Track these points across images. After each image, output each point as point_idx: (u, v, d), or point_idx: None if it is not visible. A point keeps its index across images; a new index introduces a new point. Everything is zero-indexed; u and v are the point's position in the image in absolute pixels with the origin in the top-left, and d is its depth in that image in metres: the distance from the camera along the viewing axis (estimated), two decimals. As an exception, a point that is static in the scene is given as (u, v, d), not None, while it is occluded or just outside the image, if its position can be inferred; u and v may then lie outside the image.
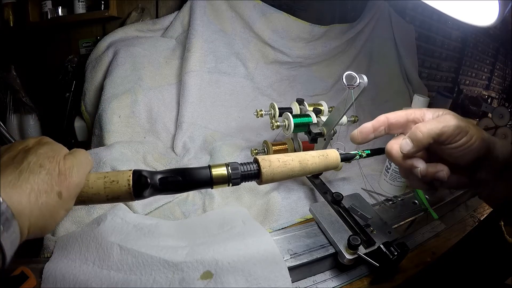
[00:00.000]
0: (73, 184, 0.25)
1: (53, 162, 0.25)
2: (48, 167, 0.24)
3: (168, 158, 0.73)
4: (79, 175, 0.26)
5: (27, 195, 0.23)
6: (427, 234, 0.59)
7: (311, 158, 0.34)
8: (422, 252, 0.54)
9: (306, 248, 0.46)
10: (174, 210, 0.57)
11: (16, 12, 0.91)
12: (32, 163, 0.24)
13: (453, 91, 1.54)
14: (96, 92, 0.79)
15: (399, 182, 0.69)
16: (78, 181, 0.26)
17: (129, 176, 0.27)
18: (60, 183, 0.25)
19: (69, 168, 0.26)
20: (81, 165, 0.27)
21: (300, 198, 0.62)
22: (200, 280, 0.37)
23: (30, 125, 0.94)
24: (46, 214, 0.24)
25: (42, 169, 0.24)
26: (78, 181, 0.26)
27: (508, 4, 0.37)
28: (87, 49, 0.93)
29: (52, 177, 0.24)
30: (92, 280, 0.37)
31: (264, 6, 0.94)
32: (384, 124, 0.37)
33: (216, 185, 0.30)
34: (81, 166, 0.27)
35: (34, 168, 0.24)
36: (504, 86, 1.54)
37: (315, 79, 1.10)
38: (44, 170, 0.24)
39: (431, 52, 1.43)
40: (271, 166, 0.32)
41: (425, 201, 0.62)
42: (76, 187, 0.26)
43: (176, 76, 0.85)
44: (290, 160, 0.33)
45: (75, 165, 0.26)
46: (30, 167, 0.24)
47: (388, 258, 0.43)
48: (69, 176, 0.25)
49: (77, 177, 0.26)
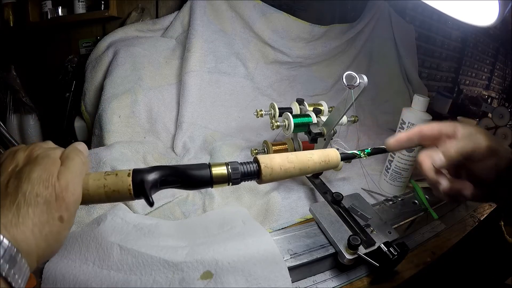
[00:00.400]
0: (72, 203, 0.25)
1: (48, 188, 0.24)
2: (45, 194, 0.24)
3: (168, 158, 0.73)
4: (76, 189, 0.26)
5: (30, 231, 0.22)
6: (427, 234, 0.59)
7: (311, 157, 0.34)
8: (422, 252, 0.54)
9: (306, 248, 0.46)
10: (174, 210, 0.57)
11: (16, 12, 0.91)
12: (28, 193, 0.23)
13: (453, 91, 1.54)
14: (96, 92, 0.79)
15: (399, 182, 0.69)
16: (76, 196, 0.26)
17: (129, 176, 0.27)
18: (59, 208, 0.24)
19: (65, 187, 0.25)
20: (77, 176, 0.26)
21: (300, 198, 0.62)
22: (200, 280, 0.37)
23: (30, 125, 0.94)
24: (52, 242, 0.24)
25: (39, 199, 0.23)
26: (76, 197, 0.26)
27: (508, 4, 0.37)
28: (87, 49, 0.93)
29: (51, 205, 0.24)
30: (92, 280, 0.37)
31: (264, 6, 0.94)
32: (418, 135, 0.38)
33: (216, 185, 0.30)
34: (76, 177, 0.26)
35: (31, 199, 0.23)
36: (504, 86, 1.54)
37: (315, 79, 1.10)
38: (42, 199, 0.23)
39: (431, 52, 1.43)
40: (271, 166, 0.32)
41: (425, 201, 0.62)
42: (75, 204, 0.26)
43: (176, 76, 0.85)
44: (290, 159, 0.33)
45: (70, 181, 0.25)
46: (26, 199, 0.23)
47: (388, 258, 0.43)
48: (66, 196, 0.25)
49: (75, 193, 0.25)
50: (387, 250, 0.43)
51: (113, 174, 0.27)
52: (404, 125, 0.66)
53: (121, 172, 0.28)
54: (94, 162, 0.61)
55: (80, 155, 0.28)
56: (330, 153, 0.36)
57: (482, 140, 0.33)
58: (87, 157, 0.29)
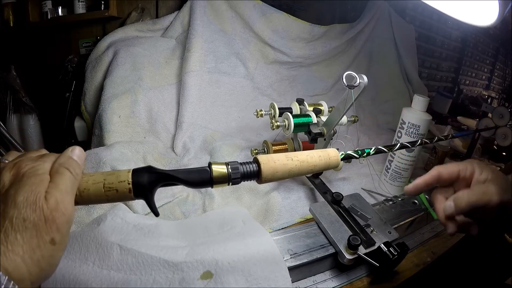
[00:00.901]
0: (63, 224, 0.24)
1: (36, 210, 0.22)
2: (33, 218, 0.22)
3: (168, 158, 0.73)
4: (67, 208, 0.24)
5: (21, 258, 0.21)
6: (427, 234, 0.59)
7: (311, 157, 0.34)
8: (422, 252, 0.54)
9: (306, 248, 0.46)
10: (174, 210, 0.57)
11: (16, 12, 0.92)
12: (15, 218, 0.22)
13: (453, 91, 1.54)
14: (96, 92, 0.79)
15: (399, 182, 0.69)
16: (68, 216, 0.24)
17: (129, 176, 0.27)
18: (49, 230, 0.23)
19: (55, 208, 0.23)
20: (67, 193, 0.25)
21: (300, 198, 0.62)
22: (200, 280, 0.37)
23: (30, 125, 0.94)
24: (45, 266, 0.23)
25: (27, 223, 0.22)
26: (67, 217, 0.24)
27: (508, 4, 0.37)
28: (87, 49, 0.93)
29: (40, 228, 0.22)
30: (92, 280, 0.37)
31: (264, 6, 0.94)
32: (436, 180, 0.39)
33: (216, 184, 0.30)
34: (67, 195, 0.24)
35: (19, 224, 0.22)
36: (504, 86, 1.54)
37: (315, 79, 1.10)
38: (30, 223, 0.22)
39: (431, 52, 1.43)
40: (271, 165, 0.32)
41: (425, 201, 0.62)
42: (67, 223, 0.24)
43: (176, 76, 0.85)
44: (290, 159, 0.33)
45: (60, 201, 0.24)
46: (14, 225, 0.22)
47: (388, 258, 0.43)
48: (56, 217, 0.23)
49: (65, 212, 0.24)
50: (387, 250, 0.43)
51: (113, 174, 0.27)
52: (404, 125, 0.66)
53: (121, 172, 0.28)
54: (94, 162, 0.61)
55: (72, 166, 0.26)
56: (330, 153, 0.36)
57: (495, 194, 0.34)
58: (82, 163, 0.28)
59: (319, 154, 0.35)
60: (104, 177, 0.27)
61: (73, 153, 0.27)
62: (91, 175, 0.27)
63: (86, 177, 0.27)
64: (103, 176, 0.27)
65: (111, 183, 0.27)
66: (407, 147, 0.44)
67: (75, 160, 0.27)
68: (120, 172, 0.28)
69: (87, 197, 0.27)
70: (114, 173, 0.27)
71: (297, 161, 0.33)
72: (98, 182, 0.27)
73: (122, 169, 0.28)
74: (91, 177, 0.27)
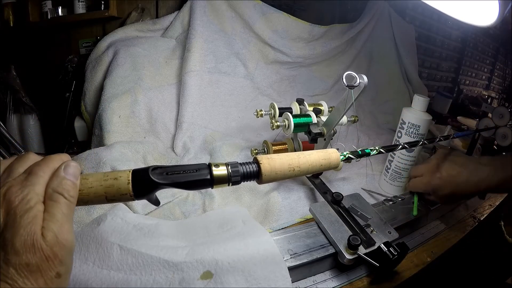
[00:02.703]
0: (65, 255, 0.23)
1: (36, 253, 0.22)
2: (34, 261, 0.22)
3: (168, 158, 0.73)
4: (67, 238, 0.24)
5: None
6: (427, 234, 0.59)
7: (311, 157, 0.34)
8: (422, 252, 0.54)
9: (306, 248, 0.46)
10: (174, 210, 0.57)
11: (16, 12, 0.91)
12: (18, 265, 0.22)
13: (453, 91, 1.54)
14: (96, 92, 0.79)
15: (399, 182, 0.69)
16: (69, 245, 0.24)
17: (128, 176, 0.27)
18: (52, 266, 0.23)
19: (54, 243, 0.23)
20: (64, 222, 0.24)
21: (300, 198, 0.62)
22: (200, 280, 0.37)
23: (30, 125, 0.94)
24: None
25: (31, 267, 0.22)
26: (68, 247, 0.24)
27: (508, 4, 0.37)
28: (87, 49, 0.93)
29: (44, 267, 0.22)
30: (92, 280, 0.37)
31: (264, 6, 0.94)
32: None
33: (216, 185, 0.30)
34: (64, 224, 0.24)
35: (23, 270, 0.22)
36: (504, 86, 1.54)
37: (315, 79, 1.10)
38: (34, 267, 0.22)
39: (431, 52, 1.43)
40: (271, 166, 0.32)
41: (416, 197, 0.61)
42: (69, 253, 0.24)
43: (176, 76, 0.85)
44: (290, 159, 0.33)
45: (58, 233, 0.23)
46: (20, 273, 0.22)
47: (388, 258, 0.43)
48: (58, 251, 0.23)
49: (66, 243, 0.24)
50: (387, 250, 0.43)
51: (113, 175, 0.27)
52: (404, 125, 0.66)
53: (121, 173, 0.28)
54: (94, 162, 0.61)
55: (65, 190, 0.25)
56: (330, 153, 0.36)
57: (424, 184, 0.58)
58: (78, 180, 0.26)
59: (319, 155, 0.35)
60: (104, 177, 0.27)
61: (66, 172, 0.26)
62: (91, 175, 0.27)
63: (86, 178, 0.27)
64: (103, 177, 0.27)
65: (111, 184, 0.27)
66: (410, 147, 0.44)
67: (69, 180, 0.25)
68: (120, 172, 0.28)
69: (87, 198, 0.27)
70: (114, 174, 0.27)
71: (297, 162, 0.33)
72: (97, 182, 0.27)
73: (122, 170, 0.28)
74: (91, 178, 0.27)
